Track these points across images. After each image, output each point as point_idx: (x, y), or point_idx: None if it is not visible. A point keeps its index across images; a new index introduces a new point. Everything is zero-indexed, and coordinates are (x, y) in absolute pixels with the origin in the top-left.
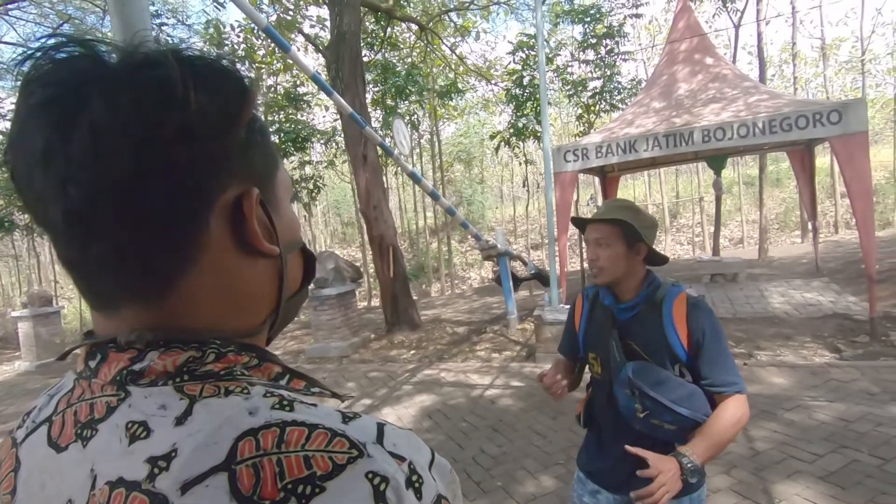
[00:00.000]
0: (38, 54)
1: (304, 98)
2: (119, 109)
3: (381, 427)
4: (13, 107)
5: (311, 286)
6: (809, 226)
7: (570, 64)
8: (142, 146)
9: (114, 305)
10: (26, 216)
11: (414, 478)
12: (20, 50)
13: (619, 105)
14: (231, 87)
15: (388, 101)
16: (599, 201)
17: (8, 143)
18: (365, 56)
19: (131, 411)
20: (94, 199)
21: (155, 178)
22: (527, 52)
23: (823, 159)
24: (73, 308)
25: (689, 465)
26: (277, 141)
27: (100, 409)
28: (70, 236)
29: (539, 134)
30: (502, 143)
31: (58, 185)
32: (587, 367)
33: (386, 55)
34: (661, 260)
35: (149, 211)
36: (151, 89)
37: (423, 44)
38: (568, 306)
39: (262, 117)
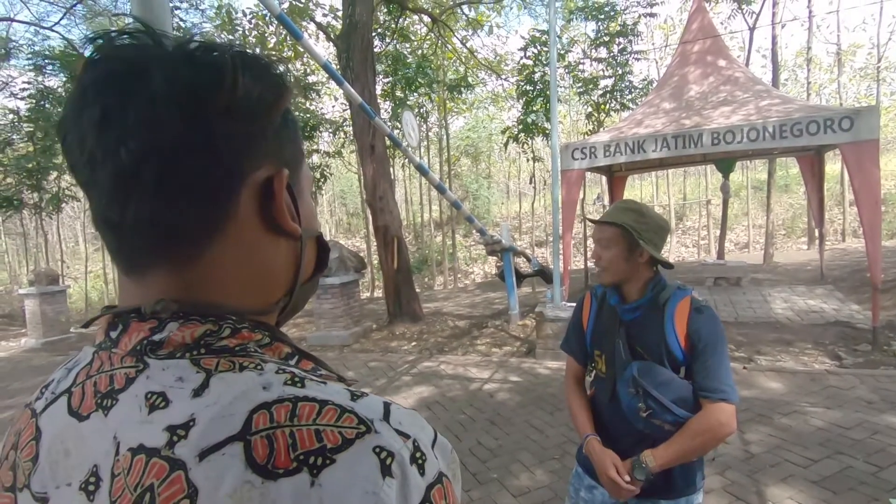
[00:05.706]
0: (104, 38)
1: (314, 87)
2: (176, 84)
3: (387, 406)
4: (28, 85)
5: None
6: (816, 233)
7: (581, 61)
8: (192, 118)
9: (142, 269)
10: (35, 195)
11: (417, 454)
12: (32, 29)
13: (630, 104)
14: (272, 78)
15: (398, 93)
16: (606, 200)
17: (65, 109)
18: (376, 47)
19: (150, 382)
20: (142, 162)
21: (198, 149)
22: (539, 47)
23: (833, 166)
24: (79, 288)
25: (636, 466)
26: None
27: (119, 381)
28: (113, 196)
29: (548, 131)
30: (511, 139)
31: (111, 147)
32: (591, 364)
33: (397, 46)
34: (665, 265)
35: (188, 178)
36: (206, 70)
37: (434, 36)
38: (571, 304)
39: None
